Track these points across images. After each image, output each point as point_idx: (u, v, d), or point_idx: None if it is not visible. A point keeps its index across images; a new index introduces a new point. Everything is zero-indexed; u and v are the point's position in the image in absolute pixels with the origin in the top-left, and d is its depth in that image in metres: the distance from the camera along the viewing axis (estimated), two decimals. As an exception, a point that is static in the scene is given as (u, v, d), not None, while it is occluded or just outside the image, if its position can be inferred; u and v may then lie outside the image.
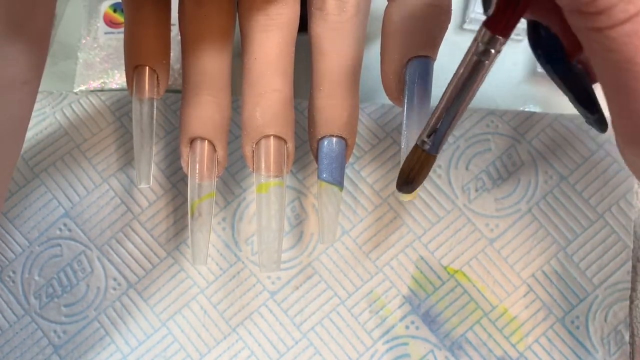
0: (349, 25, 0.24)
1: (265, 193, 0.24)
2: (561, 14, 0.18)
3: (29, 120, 0.24)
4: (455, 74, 0.20)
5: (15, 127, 0.23)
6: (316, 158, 0.25)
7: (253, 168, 0.24)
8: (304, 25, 0.24)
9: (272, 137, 0.24)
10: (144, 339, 0.30)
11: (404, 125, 0.24)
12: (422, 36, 0.23)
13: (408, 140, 0.23)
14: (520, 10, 0.19)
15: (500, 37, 0.19)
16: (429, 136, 0.22)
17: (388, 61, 0.24)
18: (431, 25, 0.23)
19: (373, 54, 0.26)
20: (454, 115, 0.21)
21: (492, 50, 0.19)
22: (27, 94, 0.23)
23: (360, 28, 0.24)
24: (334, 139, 0.24)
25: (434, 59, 0.24)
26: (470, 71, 0.20)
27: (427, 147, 0.22)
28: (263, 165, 0.24)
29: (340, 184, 0.25)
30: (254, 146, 0.24)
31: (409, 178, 0.23)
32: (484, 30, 0.19)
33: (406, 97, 0.24)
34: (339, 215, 0.25)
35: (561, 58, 0.21)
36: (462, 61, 0.20)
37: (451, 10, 0.23)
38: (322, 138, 0.24)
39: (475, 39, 0.20)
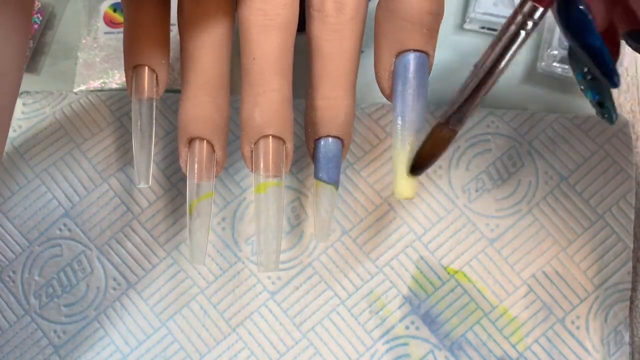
0: (347, 27, 0.24)
1: (264, 193, 0.23)
2: None
3: (10, 114, 0.23)
4: (489, 48, 0.21)
5: None
6: (313, 157, 0.25)
7: (252, 168, 0.24)
8: (302, 25, 0.24)
9: (270, 137, 0.23)
10: (143, 339, 0.30)
11: (393, 121, 0.23)
12: (410, 30, 0.23)
13: (396, 135, 0.23)
14: None
15: (541, 7, 0.20)
16: (455, 112, 0.22)
17: (379, 58, 0.24)
18: (420, 19, 0.23)
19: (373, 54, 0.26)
20: (484, 88, 0.21)
21: (531, 22, 0.20)
22: (6, 86, 0.22)
23: (358, 30, 0.24)
24: (332, 140, 0.25)
25: (428, 53, 0.23)
26: (507, 43, 0.21)
27: (451, 123, 0.22)
28: (262, 165, 0.23)
29: (336, 184, 0.25)
30: (253, 146, 0.24)
31: (430, 159, 0.23)
32: (526, 0, 0.20)
33: (394, 92, 0.23)
34: (333, 213, 0.25)
35: (590, 30, 0.21)
36: (498, 35, 0.21)
37: (444, 4, 0.23)
38: (320, 138, 0.25)
39: (515, 11, 0.21)
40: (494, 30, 0.35)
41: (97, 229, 0.31)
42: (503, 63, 0.21)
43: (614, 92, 0.34)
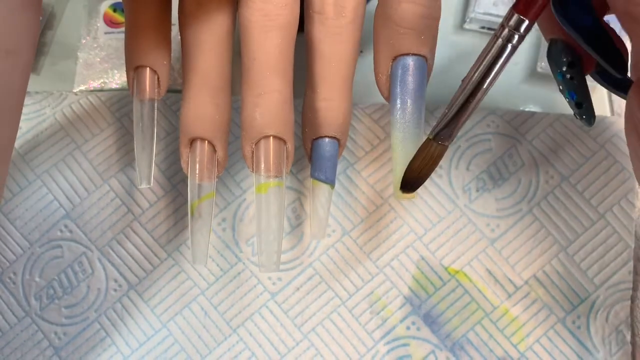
0: (347, 30, 0.24)
1: (265, 193, 0.24)
2: None
3: (22, 97, 0.22)
4: (477, 62, 0.21)
5: (1, 102, 0.21)
6: (309, 157, 0.25)
7: (252, 168, 0.24)
8: (301, 25, 0.24)
9: (271, 137, 0.24)
10: (144, 341, 0.30)
11: (392, 122, 0.24)
12: (404, 35, 0.23)
13: (394, 136, 0.23)
14: None
15: (527, 20, 0.20)
16: (444, 128, 0.22)
17: (377, 62, 0.24)
18: (413, 24, 0.23)
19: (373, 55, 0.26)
20: (473, 103, 0.21)
21: (517, 35, 0.20)
22: (13, 65, 0.21)
23: (357, 32, 0.24)
24: (329, 140, 0.25)
25: (426, 56, 0.23)
26: (494, 56, 0.21)
27: (440, 138, 0.22)
28: (262, 165, 0.24)
29: (332, 183, 0.25)
30: (254, 146, 0.24)
31: (420, 175, 0.23)
32: (512, 13, 0.20)
33: (391, 95, 0.24)
34: (329, 211, 0.26)
35: (590, 16, 0.21)
36: (485, 48, 0.21)
37: (439, 7, 0.23)
38: (317, 138, 0.25)
39: (501, 24, 0.20)
40: (494, 30, 0.35)
41: (98, 230, 0.31)
42: (490, 77, 0.21)
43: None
